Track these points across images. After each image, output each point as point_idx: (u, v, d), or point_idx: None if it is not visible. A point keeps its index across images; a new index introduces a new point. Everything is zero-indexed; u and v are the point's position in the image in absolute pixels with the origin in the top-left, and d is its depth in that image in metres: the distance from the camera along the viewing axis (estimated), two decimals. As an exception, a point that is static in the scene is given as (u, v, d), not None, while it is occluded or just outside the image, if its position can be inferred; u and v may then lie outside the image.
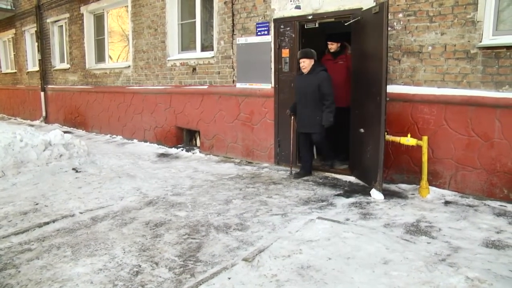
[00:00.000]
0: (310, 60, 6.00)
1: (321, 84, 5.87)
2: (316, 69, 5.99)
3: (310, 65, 6.00)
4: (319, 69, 5.99)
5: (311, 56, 6.01)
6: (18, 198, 5.53)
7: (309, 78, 6.01)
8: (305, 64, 6.00)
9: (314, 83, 5.91)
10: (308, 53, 6.01)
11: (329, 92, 5.88)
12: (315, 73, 5.96)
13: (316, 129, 6.04)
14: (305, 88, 6.05)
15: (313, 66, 6.01)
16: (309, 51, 6.03)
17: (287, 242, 3.78)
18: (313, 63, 6.02)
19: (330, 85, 5.90)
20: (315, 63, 6.05)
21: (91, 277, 3.30)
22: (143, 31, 9.58)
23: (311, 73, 6.00)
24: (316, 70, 5.97)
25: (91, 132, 11.98)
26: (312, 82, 5.94)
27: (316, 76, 5.93)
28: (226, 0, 7.51)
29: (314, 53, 6.04)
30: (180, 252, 3.70)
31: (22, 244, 4.02)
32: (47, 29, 14.00)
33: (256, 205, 4.99)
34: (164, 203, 5.13)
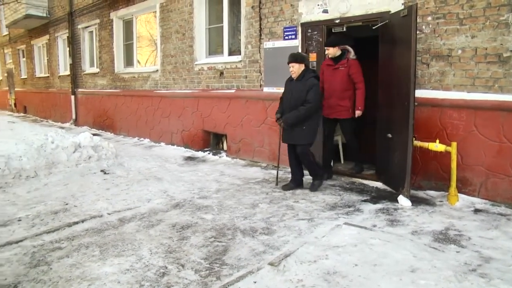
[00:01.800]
0: (300, 65, 5.62)
1: (309, 90, 5.49)
2: (306, 75, 5.61)
3: (300, 70, 5.62)
4: (309, 75, 5.60)
5: (301, 60, 5.65)
6: (49, 198, 5.70)
7: (297, 84, 5.64)
8: (294, 69, 5.62)
9: (302, 90, 5.54)
10: (297, 57, 5.65)
11: (312, 100, 5.47)
12: (304, 80, 5.57)
13: (300, 140, 5.66)
14: (291, 95, 5.67)
15: (303, 71, 5.63)
16: (299, 55, 5.73)
17: (313, 247, 3.78)
18: (303, 69, 5.65)
19: (316, 93, 5.53)
20: (306, 68, 5.68)
21: (118, 277, 3.36)
22: (171, 35, 9.71)
23: (300, 80, 5.63)
24: (306, 77, 5.59)
25: (119, 135, 12.20)
26: (299, 89, 5.57)
27: (304, 83, 5.55)
28: (254, 5, 7.55)
29: (306, 57, 5.76)
30: (206, 255, 3.73)
31: (53, 243, 4.13)
32: (78, 34, 14.40)
33: (283, 209, 4.99)
34: (190, 206, 5.18)
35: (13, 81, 22.85)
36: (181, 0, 9.27)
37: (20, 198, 5.76)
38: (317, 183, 5.86)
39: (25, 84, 21.00)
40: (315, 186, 5.82)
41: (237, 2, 8.07)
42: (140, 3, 10.84)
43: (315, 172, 5.88)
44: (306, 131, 5.61)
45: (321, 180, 5.95)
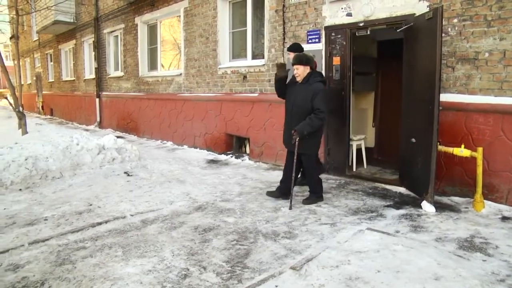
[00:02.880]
0: (305, 67, 5.24)
1: (314, 96, 5.09)
2: (311, 79, 5.23)
3: (305, 73, 5.25)
4: (316, 79, 5.23)
5: (307, 62, 5.25)
6: (74, 199, 5.85)
7: (301, 88, 5.26)
8: (299, 71, 5.23)
9: (306, 95, 5.15)
10: (302, 59, 5.26)
11: (321, 106, 5.07)
12: (308, 84, 5.20)
13: (305, 149, 5.26)
14: (294, 99, 5.30)
15: (308, 74, 5.26)
16: (304, 56, 5.33)
17: (336, 252, 3.76)
18: (309, 71, 5.28)
19: (324, 99, 5.14)
20: (312, 71, 5.30)
21: (140, 278, 3.41)
22: (195, 39, 9.80)
23: (304, 83, 5.25)
24: (311, 80, 5.21)
25: (142, 138, 12.35)
26: (303, 94, 5.19)
27: (309, 87, 5.17)
28: (277, 9, 7.56)
29: (311, 59, 5.33)
30: (228, 258, 3.75)
31: (78, 242, 4.23)
32: (103, 39, 14.69)
33: (305, 213, 4.98)
34: (213, 209, 5.21)
35: (41, 84, 23.43)
36: (205, 5, 9.35)
37: (46, 198, 5.92)
38: (313, 199, 5.43)
39: (52, 87, 21.51)
40: (309, 200, 5.41)
41: (261, 6, 8.10)
42: (164, 8, 10.98)
43: (315, 188, 5.48)
44: (314, 140, 5.30)
45: (318, 199, 5.45)
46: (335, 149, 6.83)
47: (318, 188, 5.49)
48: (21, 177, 6.47)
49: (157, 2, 11.24)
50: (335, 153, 6.83)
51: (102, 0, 14.29)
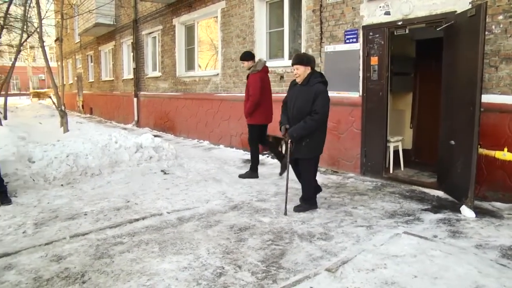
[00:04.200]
0: (306, 67, 4.95)
1: (315, 98, 4.82)
2: (311, 79, 4.94)
3: (305, 73, 4.96)
4: (316, 80, 4.93)
5: (307, 62, 4.97)
6: (112, 195, 6.00)
7: (301, 90, 4.98)
8: (299, 71, 4.95)
9: (307, 97, 4.88)
10: (303, 59, 4.99)
11: (320, 110, 4.81)
12: (309, 85, 4.92)
13: (302, 154, 5.03)
14: (293, 102, 5.02)
15: (309, 75, 4.97)
16: (305, 56, 5.08)
17: (372, 256, 3.71)
18: (309, 72, 4.99)
19: (324, 102, 4.86)
20: (312, 72, 5.02)
21: (176, 274, 3.47)
22: (232, 40, 9.86)
23: (304, 84, 4.96)
24: (312, 82, 4.92)
25: (179, 137, 12.52)
26: (304, 95, 4.92)
27: (310, 88, 4.90)
28: (315, 8, 7.52)
29: (312, 60, 5.07)
30: (263, 258, 3.76)
31: (115, 237, 4.35)
32: (142, 40, 15.00)
33: (341, 215, 4.94)
34: (248, 208, 5.23)
35: (81, 84, 24.18)
36: (242, 5, 9.40)
37: (86, 194, 6.11)
38: (304, 207, 5.13)
39: (92, 87, 22.14)
40: (300, 208, 5.12)
41: (298, 6, 8.07)
42: (201, 9, 11.10)
43: (308, 195, 5.20)
44: (310, 144, 4.97)
45: (310, 206, 5.17)
46: (372, 150, 6.74)
47: (312, 194, 5.22)
48: (63, 173, 6.70)
49: (194, 3, 11.37)
50: (372, 155, 6.74)
51: (140, 3, 14.56)
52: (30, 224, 4.83)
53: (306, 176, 5.17)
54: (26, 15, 14.86)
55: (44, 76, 50.92)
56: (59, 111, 12.85)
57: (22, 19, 14.98)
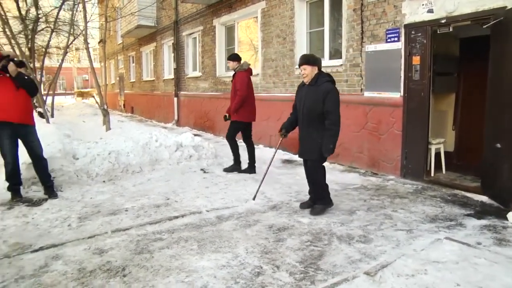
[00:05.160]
0: (313, 67, 4.90)
1: (325, 98, 4.74)
2: (319, 79, 4.88)
3: (313, 73, 4.91)
4: (324, 79, 4.88)
5: (314, 62, 4.92)
6: (152, 192, 6.12)
7: (309, 90, 4.93)
8: (307, 71, 4.89)
9: (315, 97, 4.82)
10: (309, 59, 4.96)
11: (333, 109, 4.75)
12: (317, 85, 4.86)
13: (312, 154, 4.95)
14: (303, 102, 4.97)
15: (316, 75, 4.91)
16: (311, 56, 5.04)
17: (412, 261, 3.61)
18: (317, 72, 4.94)
19: (336, 101, 4.81)
20: (319, 72, 4.96)
21: (214, 272, 3.50)
22: (272, 40, 9.86)
23: (313, 85, 4.91)
24: (320, 81, 4.86)
25: (218, 136, 12.61)
26: (312, 96, 4.86)
27: (318, 88, 4.83)
28: (355, 7, 7.42)
29: (319, 60, 5.01)
30: (302, 258, 3.74)
31: (155, 234, 4.44)
32: (182, 41, 15.21)
33: (381, 218, 4.85)
34: (287, 209, 5.21)
35: (123, 84, 24.81)
36: (282, 5, 9.38)
37: (127, 190, 6.26)
38: (319, 207, 5.06)
39: (133, 87, 22.65)
40: (316, 210, 5.03)
41: (338, 5, 7.98)
42: (241, 9, 11.15)
43: (321, 195, 5.14)
44: (312, 145, 4.91)
45: (326, 205, 5.12)
46: (412, 152, 6.58)
47: (324, 193, 5.14)
48: (105, 169, 6.89)
49: (234, 4, 11.44)
50: (413, 157, 6.58)
51: (181, 4, 14.76)
52: (75, 218, 5.04)
53: (315, 177, 5.10)
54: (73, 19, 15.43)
55: (88, 76, 52.66)
56: (102, 110, 13.20)
57: (70, 22, 15.54)
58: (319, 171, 5.07)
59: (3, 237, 4.42)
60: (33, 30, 15.07)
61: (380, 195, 5.81)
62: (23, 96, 5.74)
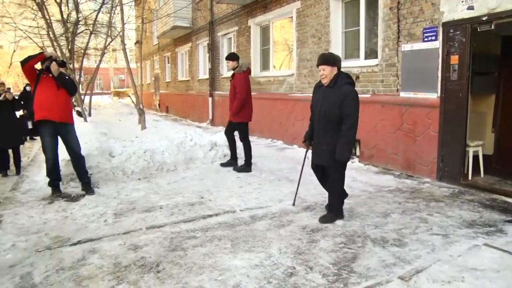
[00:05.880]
0: (333, 68, 4.60)
1: (344, 101, 4.44)
2: (339, 81, 4.58)
3: (332, 74, 4.61)
4: (344, 81, 4.57)
5: (334, 62, 4.62)
6: (186, 191, 6.20)
7: (328, 92, 4.62)
8: (326, 72, 4.59)
9: (335, 99, 4.50)
10: (329, 58, 4.65)
11: (352, 113, 4.45)
12: (337, 87, 4.55)
13: (326, 160, 4.66)
14: (320, 104, 4.66)
15: (335, 76, 4.61)
16: (331, 56, 4.72)
17: (448, 267, 3.51)
18: (336, 73, 4.64)
19: (355, 105, 4.50)
20: (339, 72, 4.66)
21: (247, 271, 3.51)
22: (307, 40, 9.81)
23: (331, 86, 4.60)
24: (339, 83, 4.56)
25: (252, 136, 12.59)
26: (331, 98, 4.54)
27: (338, 90, 4.52)
28: (392, 6, 7.29)
29: (338, 59, 4.71)
30: (335, 260, 3.71)
31: (189, 231, 4.50)
32: (217, 41, 15.33)
33: (416, 221, 4.74)
34: (321, 210, 5.16)
35: (158, 84, 25.21)
36: (318, 5, 9.32)
37: (162, 188, 6.36)
38: (331, 216, 4.76)
39: (168, 87, 22.98)
40: (328, 218, 4.74)
41: (374, 4, 7.87)
42: (277, 10, 11.13)
43: (335, 204, 4.84)
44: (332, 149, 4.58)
45: (336, 216, 4.79)
46: (449, 155, 6.41)
47: (339, 203, 4.86)
48: (140, 167, 7.03)
49: (269, 4, 11.44)
50: (450, 159, 6.41)
51: (216, 5, 14.87)
52: (110, 214, 5.19)
53: (334, 184, 4.78)
54: (111, 21, 15.85)
55: (124, 76, 53.85)
56: (138, 109, 13.45)
57: (107, 25, 15.97)
58: (338, 177, 4.76)
59: (45, 230, 4.66)
60: (73, 33, 15.61)
61: (415, 198, 5.68)
62: (64, 96, 5.97)
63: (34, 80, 5.89)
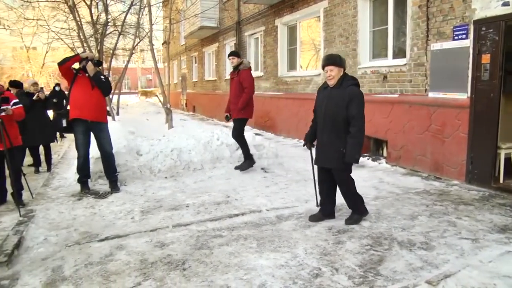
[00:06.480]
0: (340, 69, 4.53)
1: (350, 102, 4.38)
2: (344, 82, 4.52)
3: (339, 75, 4.53)
4: (349, 82, 4.52)
5: (341, 63, 4.55)
6: (212, 190, 6.25)
7: (333, 93, 4.54)
8: (333, 73, 4.50)
9: (340, 101, 4.43)
10: (336, 59, 4.56)
11: (358, 115, 4.39)
12: (343, 88, 4.48)
13: (332, 163, 4.56)
14: (326, 106, 4.57)
15: (341, 78, 4.55)
16: (338, 57, 4.63)
17: (478, 272, 3.39)
18: (342, 74, 4.58)
19: (361, 106, 4.45)
20: (345, 74, 4.61)
21: (273, 271, 3.52)
22: (335, 39, 9.74)
23: (338, 87, 4.52)
24: (345, 84, 4.50)
25: (279, 136, 12.62)
26: (336, 100, 4.47)
27: (344, 91, 4.45)
28: (421, 4, 7.15)
29: (344, 60, 4.68)
30: (361, 262, 3.67)
31: (215, 230, 4.53)
32: (244, 41, 15.38)
33: (444, 225, 4.63)
34: (347, 211, 5.07)
35: (185, 84, 25.47)
36: (345, 4, 9.24)
37: (188, 187, 6.44)
38: (357, 217, 4.72)
39: (195, 87, 23.18)
40: (353, 220, 4.70)
41: (403, 2, 7.74)
42: (304, 9, 11.10)
43: (355, 205, 4.77)
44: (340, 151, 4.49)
45: (362, 214, 4.77)
46: (479, 157, 6.25)
47: (358, 201, 4.76)
48: (167, 166, 7.12)
49: (296, 3, 11.41)
50: (480, 162, 6.25)
51: (244, 5, 14.92)
52: (137, 211, 5.29)
53: (346, 188, 4.70)
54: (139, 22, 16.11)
55: (151, 76, 54.53)
56: (165, 109, 13.59)
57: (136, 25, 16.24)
58: (349, 181, 4.68)
59: (74, 226, 4.81)
60: (102, 34, 15.93)
61: (443, 201, 5.56)
62: (98, 95, 6.12)
63: (71, 80, 6.10)
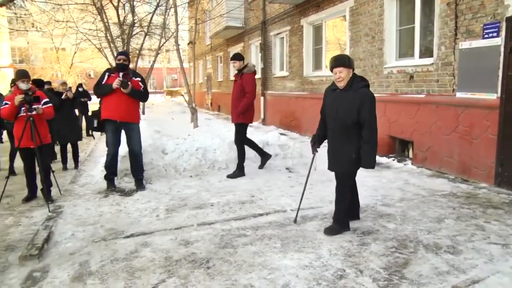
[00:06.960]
0: (349, 70, 4.29)
1: (362, 105, 4.16)
2: (354, 84, 4.29)
3: (348, 77, 4.29)
4: (360, 84, 4.29)
5: (349, 65, 4.30)
6: (237, 189, 6.28)
7: (343, 95, 4.32)
8: (343, 75, 4.25)
9: (350, 104, 4.22)
10: (345, 60, 4.32)
11: (371, 118, 4.18)
12: (353, 90, 4.26)
13: (343, 167, 4.41)
14: (336, 109, 4.35)
15: (351, 79, 4.31)
16: (347, 58, 4.40)
17: (509, 279, 3.32)
18: (351, 75, 4.34)
19: (374, 109, 4.23)
20: (354, 75, 4.37)
21: (297, 271, 3.51)
22: (360, 39, 9.65)
23: (348, 90, 4.29)
24: (355, 86, 4.27)
25: (304, 136, 12.57)
26: (347, 102, 4.25)
27: (355, 94, 4.23)
28: (449, 1, 7.00)
29: (353, 61, 4.43)
30: (386, 265, 3.63)
31: (239, 229, 4.56)
32: (269, 41, 15.39)
33: (471, 228, 4.53)
34: (372, 212, 5.08)
35: (210, 83, 25.67)
36: (371, 3, 9.14)
37: (213, 186, 6.49)
38: (336, 228, 4.43)
39: (220, 86, 23.31)
40: (332, 230, 4.42)
41: (430, 0, 7.61)
42: (329, 8, 11.03)
43: (340, 215, 4.49)
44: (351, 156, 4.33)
45: (342, 228, 4.44)
46: (509, 159, 6.07)
47: (344, 213, 4.50)
48: (192, 165, 7.18)
49: (322, 3, 11.35)
50: (510, 164, 6.08)
51: (269, 5, 14.92)
52: (162, 209, 5.35)
53: (342, 190, 4.49)
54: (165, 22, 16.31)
55: (177, 76, 55.18)
56: (190, 108, 13.70)
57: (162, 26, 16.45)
58: (348, 184, 4.50)
59: (101, 222, 4.91)
60: (129, 34, 16.18)
61: (471, 204, 5.44)
62: (128, 98, 6.15)
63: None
